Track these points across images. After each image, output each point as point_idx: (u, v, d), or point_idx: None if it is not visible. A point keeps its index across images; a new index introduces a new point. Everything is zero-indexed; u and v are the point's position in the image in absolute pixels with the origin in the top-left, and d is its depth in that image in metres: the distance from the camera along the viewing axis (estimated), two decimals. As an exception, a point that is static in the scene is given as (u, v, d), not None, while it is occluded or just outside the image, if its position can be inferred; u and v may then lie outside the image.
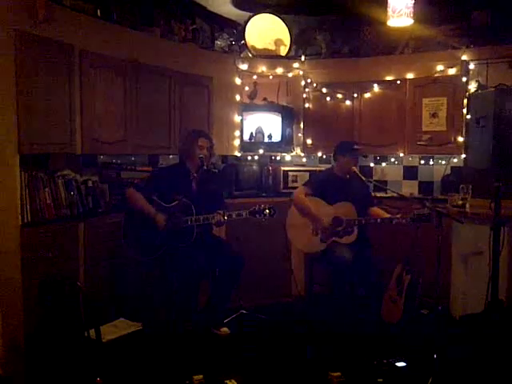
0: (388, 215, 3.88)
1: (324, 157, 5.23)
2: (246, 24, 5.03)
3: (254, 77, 4.96)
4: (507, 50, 4.29)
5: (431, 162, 4.97)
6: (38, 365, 3.11)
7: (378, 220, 3.83)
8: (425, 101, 4.63)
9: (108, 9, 3.91)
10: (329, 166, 5.26)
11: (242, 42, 5.06)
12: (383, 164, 5.21)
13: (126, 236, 3.65)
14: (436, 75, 4.61)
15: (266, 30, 5.11)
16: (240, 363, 3.39)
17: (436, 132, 4.59)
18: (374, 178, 5.12)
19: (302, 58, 5.11)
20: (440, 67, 4.61)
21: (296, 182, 4.88)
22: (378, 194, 4.69)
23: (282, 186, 4.94)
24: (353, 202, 3.89)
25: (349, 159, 3.99)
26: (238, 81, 4.90)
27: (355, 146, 4.04)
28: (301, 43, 5.33)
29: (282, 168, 4.96)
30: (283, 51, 5.17)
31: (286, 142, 5.03)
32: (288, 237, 4.15)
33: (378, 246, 4.04)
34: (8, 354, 2.99)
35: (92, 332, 2.94)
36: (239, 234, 4.32)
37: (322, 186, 4.03)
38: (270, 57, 5.08)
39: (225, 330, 3.84)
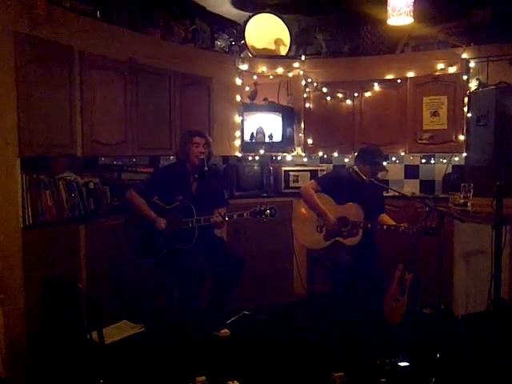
0: (394, 223, 3.86)
1: (325, 156, 5.22)
2: (245, 24, 5.02)
3: (255, 77, 4.95)
4: (508, 48, 4.28)
5: (432, 161, 4.96)
6: (40, 367, 3.11)
7: (384, 227, 3.81)
8: (425, 99, 4.62)
9: (108, 10, 3.89)
10: (331, 165, 5.29)
11: (242, 42, 5.05)
12: (384, 163, 5.18)
13: (126, 238, 3.66)
14: (436, 74, 4.60)
15: (266, 30, 5.10)
16: (242, 364, 3.39)
17: (437, 130, 4.58)
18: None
19: (302, 57, 5.09)
20: (440, 65, 4.60)
21: (297, 182, 4.88)
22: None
23: (283, 186, 4.93)
24: (363, 205, 3.86)
25: (369, 170, 3.95)
26: (238, 81, 4.89)
27: (378, 160, 3.96)
28: (301, 43, 5.32)
29: (283, 168, 4.96)
30: (283, 51, 5.16)
31: (287, 142, 5.02)
32: (292, 229, 4.16)
33: (380, 245, 4.03)
34: (10, 356, 2.98)
35: (94, 334, 2.94)
36: (241, 234, 4.32)
37: (334, 185, 3.99)
38: (270, 57, 5.07)
39: (225, 331, 3.83)
